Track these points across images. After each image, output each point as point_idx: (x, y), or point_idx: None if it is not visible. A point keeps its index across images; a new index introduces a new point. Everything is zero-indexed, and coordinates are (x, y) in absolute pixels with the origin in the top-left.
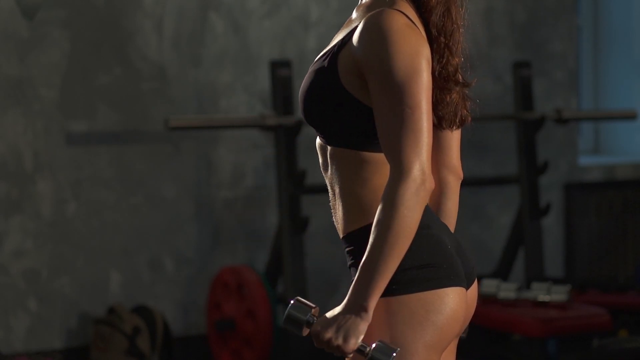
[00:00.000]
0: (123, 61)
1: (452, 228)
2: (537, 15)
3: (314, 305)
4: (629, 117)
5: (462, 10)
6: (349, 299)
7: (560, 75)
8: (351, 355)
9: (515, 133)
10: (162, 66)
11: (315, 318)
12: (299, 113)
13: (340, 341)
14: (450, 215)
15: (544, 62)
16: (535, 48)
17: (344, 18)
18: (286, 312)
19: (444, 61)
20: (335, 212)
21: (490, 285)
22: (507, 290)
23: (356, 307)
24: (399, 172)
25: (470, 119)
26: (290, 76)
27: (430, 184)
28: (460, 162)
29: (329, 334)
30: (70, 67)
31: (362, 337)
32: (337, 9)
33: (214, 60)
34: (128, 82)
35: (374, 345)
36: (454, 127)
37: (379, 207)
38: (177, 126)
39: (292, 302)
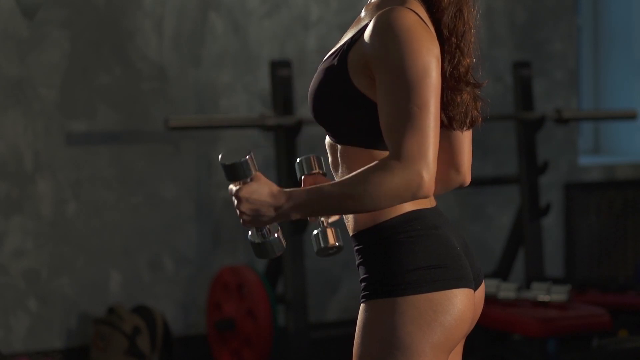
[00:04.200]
0: (123, 61)
1: None
2: (537, 15)
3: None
4: (629, 117)
5: (474, 10)
6: (280, 192)
7: (560, 75)
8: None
9: (515, 133)
10: (162, 66)
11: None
12: (299, 113)
13: (244, 211)
14: None
15: (544, 62)
16: (535, 48)
17: (344, 18)
18: (237, 162)
19: (455, 62)
20: None
21: (490, 285)
22: (507, 290)
23: (278, 201)
24: (397, 160)
25: (480, 119)
26: (290, 76)
27: (428, 190)
28: (470, 165)
29: (243, 206)
30: (70, 67)
31: (261, 224)
32: (337, 9)
33: (214, 60)
34: (128, 82)
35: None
36: (465, 128)
37: (367, 168)
38: (177, 126)
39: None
